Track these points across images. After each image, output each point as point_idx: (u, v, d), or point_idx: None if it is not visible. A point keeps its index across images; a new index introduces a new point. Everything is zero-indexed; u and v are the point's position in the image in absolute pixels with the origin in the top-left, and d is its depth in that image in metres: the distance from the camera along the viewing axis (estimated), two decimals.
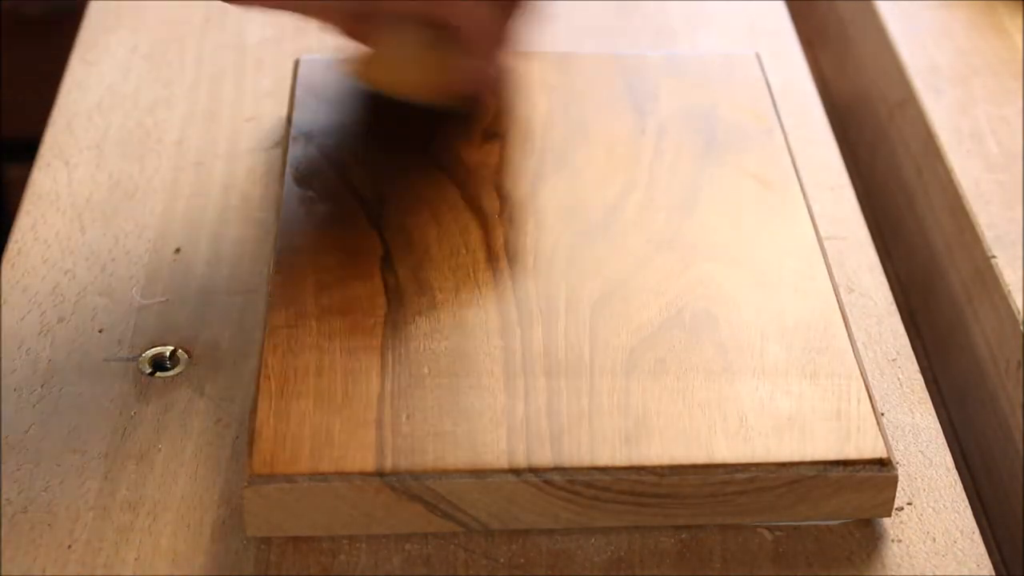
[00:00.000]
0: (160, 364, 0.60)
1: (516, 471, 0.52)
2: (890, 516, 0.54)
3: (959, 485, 0.56)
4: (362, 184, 0.65)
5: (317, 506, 0.52)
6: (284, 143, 0.68)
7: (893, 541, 0.54)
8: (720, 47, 0.80)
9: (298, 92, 0.70)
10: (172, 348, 0.60)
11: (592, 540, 0.54)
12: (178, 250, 0.65)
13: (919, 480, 0.56)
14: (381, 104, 0.68)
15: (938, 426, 0.59)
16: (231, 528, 0.54)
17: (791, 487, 0.53)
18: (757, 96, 0.71)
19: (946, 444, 0.58)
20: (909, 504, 0.55)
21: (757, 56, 0.74)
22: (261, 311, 0.61)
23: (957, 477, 0.57)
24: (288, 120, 0.69)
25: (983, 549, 0.54)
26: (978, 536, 0.54)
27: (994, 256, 0.64)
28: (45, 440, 0.57)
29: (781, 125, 0.69)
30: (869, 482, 0.53)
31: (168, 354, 0.60)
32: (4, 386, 0.59)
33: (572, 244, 0.62)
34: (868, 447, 0.53)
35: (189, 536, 0.54)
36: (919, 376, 0.61)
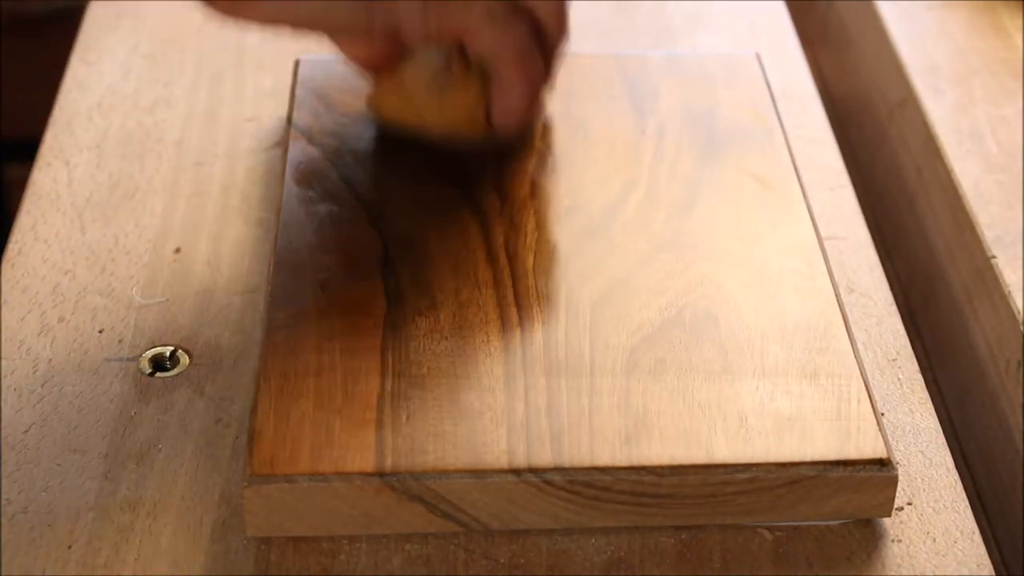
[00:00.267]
0: (160, 364, 0.60)
1: (516, 471, 0.52)
2: (890, 516, 0.54)
3: (959, 485, 0.56)
4: (362, 184, 0.65)
5: (317, 506, 0.52)
6: (284, 143, 0.68)
7: (893, 541, 0.54)
8: (720, 47, 0.80)
9: (298, 92, 0.70)
10: (172, 348, 0.60)
11: (592, 540, 0.54)
12: (178, 250, 0.65)
13: (919, 480, 0.56)
14: None
15: (938, 426, 0.59)
16: (231, 528, 0.54)
17: (791, 487, 0.53)
18: (757, 96, 0.71)
19: (946, 444, 0.58)
20: (909, 504, 0.55)
21: (757, 56, 0.74)
22: (261, 311, 0.61)
23: (957, 477, 0.57)
24: (288, 120, 0.69)
25: (983, 549, 0.54)
26: (978, 536, 0.54)
27: (994, 256, 0.64)
28: (45, 440, 0.57)
29: (781, 125, 0.69)
30: (869, 482, 0.53)
31: (168, 354, 0.60)
32: (4, 386, 0.59)
33: (572, 244, 0.62)
34: (868, 447, 0.53)
35: (189, 536, 0.53)
36: (919, 376, 0.61)
